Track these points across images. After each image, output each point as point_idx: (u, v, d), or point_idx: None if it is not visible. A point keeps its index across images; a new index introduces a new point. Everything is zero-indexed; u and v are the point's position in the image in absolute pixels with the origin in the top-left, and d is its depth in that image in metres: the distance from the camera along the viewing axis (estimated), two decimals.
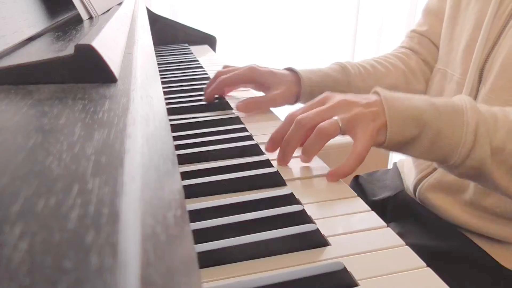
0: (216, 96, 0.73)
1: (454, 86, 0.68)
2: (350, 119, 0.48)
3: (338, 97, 0.51)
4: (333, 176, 0.48)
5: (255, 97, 0.72)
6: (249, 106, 0.69)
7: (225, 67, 0.76)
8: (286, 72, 0.72)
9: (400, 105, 0.49)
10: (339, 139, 0.52)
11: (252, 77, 0.70)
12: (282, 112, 0.67)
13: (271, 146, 0.53)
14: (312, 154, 0.50)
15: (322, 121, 0.49)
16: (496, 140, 0.48)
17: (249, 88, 0.79)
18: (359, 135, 0.48)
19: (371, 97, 0.51)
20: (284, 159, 0.51)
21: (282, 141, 0.52)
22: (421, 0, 1.92)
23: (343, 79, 0.73)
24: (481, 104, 0.51)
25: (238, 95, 0.78)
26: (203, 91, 0.75)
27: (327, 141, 0.49)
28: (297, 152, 0.56)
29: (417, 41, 0.81)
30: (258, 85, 0.73)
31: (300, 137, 0.50)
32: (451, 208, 0.65)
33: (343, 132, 0.49)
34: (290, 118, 0.51)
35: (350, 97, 0.51)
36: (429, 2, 0.80)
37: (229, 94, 0.78)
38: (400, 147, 0.50)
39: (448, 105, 0.49)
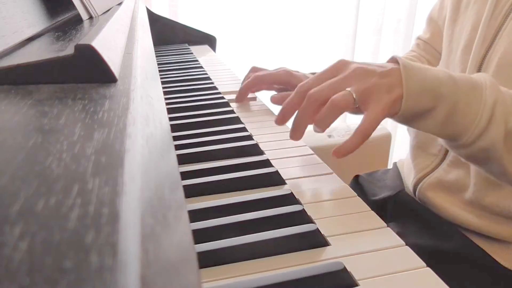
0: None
1: None
2: (364, 91, 0.46)
3: (353, 65, 0.49)
4: (338, 153, 0.48)
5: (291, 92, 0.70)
6: (285, 98, 0.63)
7: (255, 69, 0.77)
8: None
9: (418, 75, 0.47)
10: (340, 140, 0.52)
11: (288, 80, 0.71)
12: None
13: (282, 119, 0.52)
14: (325, 127, 0.49)
15: (335, 94, 0.47)
16: (511, 122, 0.46)
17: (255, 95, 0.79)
18: (370, 109, 0.47)
19: (388, 65, 0.49)
20: (296, 135, 0.51)
21: (292, 113, 0.51)
22: (421, 0, 1.92)
23: None
24: (504, 88, 0.49)
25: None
26: (239, 92, 0.75)
27: (340, 114, 0.48)
28: (297, 152, 0.56)
29: (423, 48, 0.84)
30: (292, 88, 0.74)
31: (313, 112, 0.49)
32: (451, 207, 0.65)
33: (357, 103, 0.47)
34: (301, 90, 0.50)
35: (365, 65, 0.49)
36: (431, 11, 0.82)
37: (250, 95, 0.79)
38: (412, 119, 0.49)
39: (467, 81, 0.48)
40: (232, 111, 0.69)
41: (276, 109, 0.72)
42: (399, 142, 1.97)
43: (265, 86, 0.78)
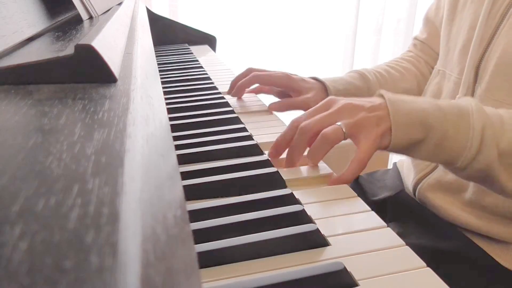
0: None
1: (451, 85, 0.69)
2: (354, 125, 0.49)
3: (342, 101, 0.51)
4: (335, 183, 0.49)
5: (289, 98, 0.74)
6: (283, 106, 0.73)
7: (250, 70, 0.78)
8: (312, 81, 0.75)
9: (405, 108, 0.49)
10: None
11: (286, 83, 0.73)
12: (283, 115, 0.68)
13: (275, 152, 0.53)
14: (317, 159, 0.51)
15: (326, 127, 0.49)
16: (503, 143, 0.48)
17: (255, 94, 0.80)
18: (362, 142, 0.49)
19: (376, 100, 0.51)
20: (291, 165, 0.52)
21: (285, 147, 0.52)
22: (421, 0, 1.92)
23: (363, 86, 0.77)
24: (487, 107, 0.51)
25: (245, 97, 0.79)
26: (236, 87, 0.76)
27: (331, 147, 0.49)
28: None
29: (420, 48, 0.85)
30: (290, 91, 0.75)
31: (304, 144, 0.51)
32: (450, 207, 0.65)
33: (346, 137, 0.49)
34: (294, 124, 0.52)
35: (354, 100, 0.51)
36: (428, 11, 0.83)
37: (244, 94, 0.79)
38: (405, 150, 0.51)
39: (454, 108, 0.49)
40: (232, 111, 0.69)
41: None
42: None
43: (265, 89, 0.78)
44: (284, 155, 0.53)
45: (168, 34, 1.31)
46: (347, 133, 0.49)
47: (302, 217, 0.39)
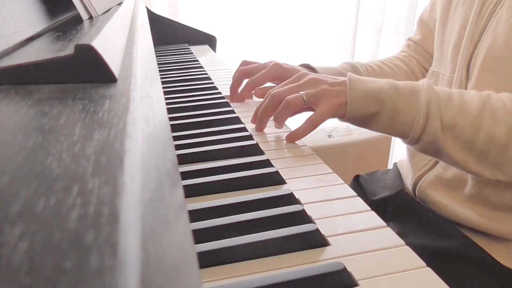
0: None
1: (445, 84, 0.70)
2: (314, 94, 0.57)
3: (310, 75, 0.60)
4: (289, 138, 0.58)
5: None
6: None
7: (244, 62, 0.80)
8: (304, 69, 0.76)
9: (361, 86, 0.56)
10: (340, 140, 0.53)
11: (279, 74, 0.74)
12: None
13: (255, 118, 0.64)
14: (281, 121, 0.60)
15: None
16: (446, 116, 0.53)
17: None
18: (319, 107, 0.56)
19: (340, 78, 0.58)
20: (260, 126, 0.62)
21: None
22: (421, 0, 1.92)
23: None
24: (441, 87, 0.56)
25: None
26: (230, 90, 0.78)
27: (293, 111, 0.59)
28: (297, 152, 0.56)
29: (413, 49, 0.87)
30: (282, 81, 0.75)
31: (272, 108, 0.60)
32: (451, 204, 0.65)
33: (307, 104, 0.57)
34: (268, 94, 0.61)
35: (321, 76, 0.60)
36: (422, 13, 0.85)
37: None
38: (361, 122, 0.57)
39: (408, 87, 0.55)
40: (232, 111, 0.69)
41: None
42: (399, 143, 1.97)
43: (261, 94, 0.78)
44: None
45: (168, 34, 1.31)
46: (307, 101, 0.57)
47: (302, 217, 0.39)
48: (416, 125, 0.53)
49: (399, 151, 1.89)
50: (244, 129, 0.61)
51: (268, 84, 0.75)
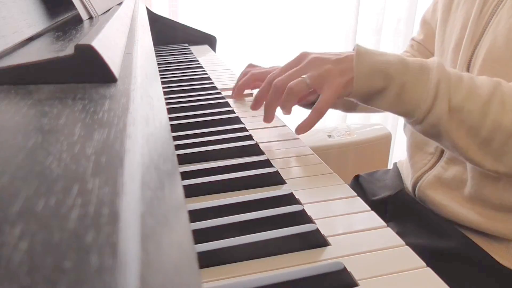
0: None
1: None
2: (317, 76, 0.54)
3: (312, 55, 0.57)
4: (299, 130, 0.57)
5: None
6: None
7: (251, 66, 0.80)
8: None
9: (370, 59, 0.53)
10: (340, 140, 0.53)
11: None
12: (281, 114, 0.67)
13: (255, 106, 0.63)
14: (288, 109, 0.58)
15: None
16: (455, 98, 0.51)
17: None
18: (324, 91, 0.54)
19: (344, 53, 0.55)
20: (267, 118, 0.60)
21: (263, 100, 0.60)
22: (421, 0, 1.92)
23: None
24: (452, 69, 0.54)
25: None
26: (236, 88, 0.78)
27: (297, 98, 0.56)
28: (297, 152, 0.56)
29: (416, 49, 0.86)
30: None
31: (277, 99, 0.58)
32: (450, 204, 0.65)
33: (311, 88, 0.55)
34: (269, 80, 0.59)
35: (323, 54, 0.56)
36: (425, 13, 0.85)
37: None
38: (367, 99, 0.55)
39: (417, 63, 0.53)
40: (232, 111, 0.69)
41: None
42: (399, 143, 1.97)
43: (260, 83, 0.78)
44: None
45: (168, 34, 1.31)
46: (310, 84, 0.54)
47: (302, 217, 0.39)
48: (423, 105, 0.51)
49: (399, 151, 1.89)
50: (244, 129, 0.61)
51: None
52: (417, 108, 0.52)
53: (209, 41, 1.33)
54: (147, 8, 1.23)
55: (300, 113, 0.67)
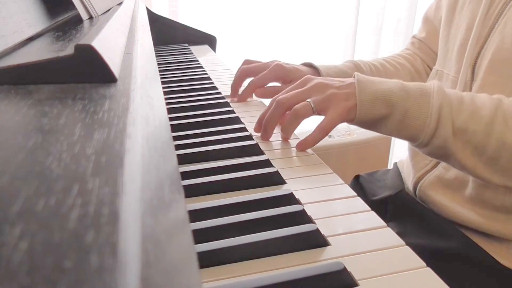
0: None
1: (449, 84, 0.69)
2: (322, 101, 0.54)
3: (316, 80, 0.57)
4: (300, 146, 0.56)
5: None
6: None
7: (247, 61, 0.80)
8: (306, 68, 0.77)
9: (371, 87, 0.54)
10: (340, 140, 0.53)
11: (281, 75, 0.74)
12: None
13: (259, 127, 0.60)
14: (289, 132, 0.58)
15: (298, 103, 0.55)
16: (458, 120, 0.52)
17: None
18: (329, 113, 0.54)
19: (347, 80, 0.56)
20: (265, 135, 0.59)
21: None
22: (421, 0, 1.92)
23: None
24: (451, 89, 0.55)
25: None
26: (231, 88, 0.79)
27: (301, 121, 0.56)
28: (297, 152, 0.56)
29: (418, 47, 0.86)
30: (285, 82, 0.76)
31: (278, 116, 0.57)
32: (451, 204, 0.65)
33: (316, 112, 0.55)
34: (273, 101, 0.58)
35: (327, 80, 0.57)
36: (427, 11, 0.84)
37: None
38: (370, 125, 0.56)
39: (417, 89, 0.54)
40: (232, 111, 0.69)
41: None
42: (400, 143, 1.97)
43: (261, 94, 0.78)
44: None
45: (168, 34, 1.31)
46: (315, 108, 0.54)
47: (302, 217, 0.39)
48: (427, 129, 0.52)
49: (399, 151, 1.89)
50: (244, 129, 0.61)
51: (270, 84, 0.76)
52: (420, 133, 0.52)
53: (209, 41, 1.33)
54: (147, 8, 1.23)
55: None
